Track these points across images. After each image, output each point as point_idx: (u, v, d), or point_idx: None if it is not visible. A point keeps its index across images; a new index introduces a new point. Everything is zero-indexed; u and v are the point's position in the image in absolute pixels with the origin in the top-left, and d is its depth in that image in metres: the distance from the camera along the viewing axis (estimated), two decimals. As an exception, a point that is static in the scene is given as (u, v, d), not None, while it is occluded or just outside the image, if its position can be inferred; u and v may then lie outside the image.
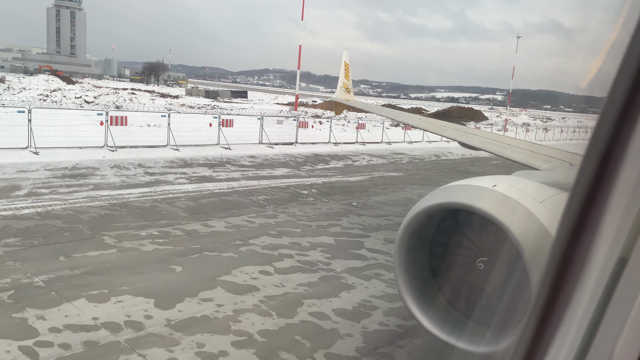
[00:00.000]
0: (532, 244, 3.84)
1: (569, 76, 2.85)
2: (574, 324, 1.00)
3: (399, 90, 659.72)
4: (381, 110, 21.73)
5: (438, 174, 24.41)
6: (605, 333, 0.97)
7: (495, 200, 4.20)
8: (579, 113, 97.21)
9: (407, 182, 21.20)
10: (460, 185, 4.67)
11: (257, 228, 12.26)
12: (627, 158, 0.93)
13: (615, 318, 0.96)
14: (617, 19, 1.00)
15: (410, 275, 4.63)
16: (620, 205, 0.94)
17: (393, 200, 17.16)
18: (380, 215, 14.83)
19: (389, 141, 36.36)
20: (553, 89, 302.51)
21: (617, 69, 0.93)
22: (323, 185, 18.73)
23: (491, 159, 32.52)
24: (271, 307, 7.89)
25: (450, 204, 4.43)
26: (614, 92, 0.94)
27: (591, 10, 1.73)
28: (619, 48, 0.93)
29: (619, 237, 0.95)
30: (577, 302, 0.99)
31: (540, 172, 7.17)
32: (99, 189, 14.82)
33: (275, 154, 26.20)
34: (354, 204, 15.94)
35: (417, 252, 4.68)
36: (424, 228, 4.63)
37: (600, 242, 0.96)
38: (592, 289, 0.98)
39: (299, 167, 22.76)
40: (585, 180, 0.98)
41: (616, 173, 0.94)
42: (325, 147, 30.73)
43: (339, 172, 22.39)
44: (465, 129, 14.64)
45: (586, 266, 0.98)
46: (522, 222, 4.00)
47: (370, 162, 26.76)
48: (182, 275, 8.93)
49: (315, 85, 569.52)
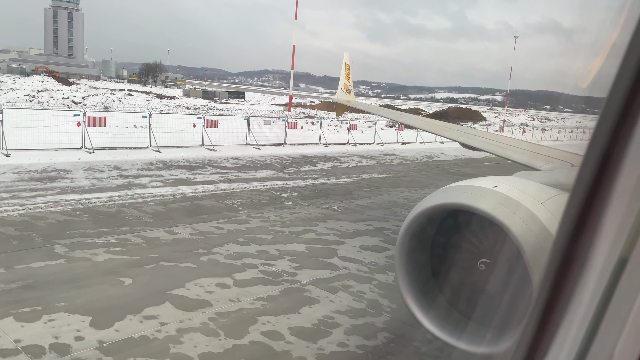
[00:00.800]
0: (532, 245, 3.84)
1: (568, 77, 2.94)
2: (575, 324, 1.01)
3: (399, 91, 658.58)
4: (382, 112, 21.69)
5: (427, 176, 23.68)
6: (606, 333, 0.98)
7: (496, 201, 4.20)
8: (578, 113, 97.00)
9: (394, 185, 20.47)
10: (461, 186, 4.66)
11: (224, 235, 11.53)
12: (627, 158, 0.95)
13: (615, 318, 0.97)
14: (617, 19, 1.01)
15: (411, 276, 4.63)
16: (620, 206, 0.96)
17: (376, 204, 16.44)
18: (360, 219, 14.10)
19: (382, 142, 35.67)
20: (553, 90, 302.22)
21: (617, 70, 0.94)
22: (305, 188, 18.01)
23: (485, 160, 31.85)
24: (220, 326, 7.17)
25: (451, 204, 4.41)
26: (614, 93, 0.95)
27: (591, 11, 1.71)
28: (619, 48, 0.93)
29: (619, 237, 0.96)
30: (578, 302, 1.01)
31: (541, 172, 7.10)
32: (65, 193, 14.10)
33: (262, 155, 25.49)
34: (335, 208, 15.23)
35: (418, 253, 4.67)
36: (424, 229, 4.61)
37: (600, 242, 0.98)
38: (593, 289, 0.99)
39: (283, 169, 22.05)
40: (585, 181, 1.00)
41: (616, 173, 0.96)
42: (314, 149, 30.04)
43: (325, 174, 21.68)
44: (466, 130, 14.54)
45: (586, 266, 1.00)
46: (523, 223, 3.99)
47: (359, 163, 26.05)
48: (129, 288, 8.20)
49: (314, 86, 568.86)
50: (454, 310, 4.57)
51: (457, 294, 4.60)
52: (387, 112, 22.56)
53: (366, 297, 8.67)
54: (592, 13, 1.61)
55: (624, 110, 0.94)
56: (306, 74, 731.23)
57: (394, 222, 14.10)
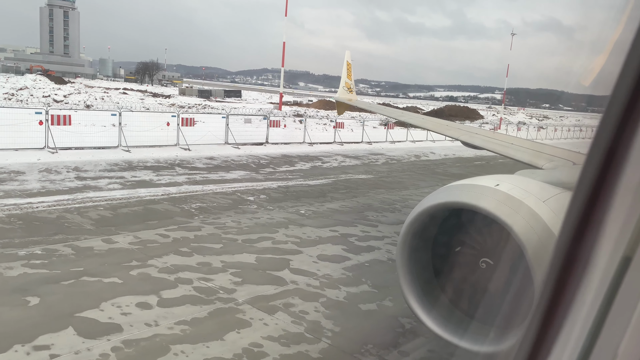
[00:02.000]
0: (535, 244, 3.83)
1: (568, 75, 3.09)
2: (578, 323, 1.00)
3: (398, 90, 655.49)
4: (383, 110, 21.69)
5: (411, 177, 22.59)
6: (609, 333, 0.96)
7: (498, 200, 4.18)
8: (578, 112, 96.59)
9: (374, 186, 19.40)
10: (462, 184, 4.61)
11: (168, 244, 10.47)
12: (630, 157, 0.93)
13: (619, 318, 0.96)
14: (619, 17, 0.99)
15: (413, 275, 4.61)
16: (623, 204, 0.94)
17: (349, 207, 15.37)
18: (326, 225, 13.04)
19: (370, 141, 34.66)
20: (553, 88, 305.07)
21: (620, 68, 0.93)
22: (276, 190, 16.94)
23: (474, 159, 30.81)
24: (122, 358, 6.11)
25: (452, 203, 4.37)
26: (618, 91, 0.94)
27: (592, 9, 1.66)
28: (622, 47, 0.92)
29: (622, 236, 0.95)
30: (581, 301, 0.99)
31: (544, 171, 7.06)
32: (7, 197, 13.05)
33: (239, 155, 24.44)
34: (302, 212, 14.16)
35: (420, 252, 4.65)
36: (426, 228, 4.59)
37: (603, 241, 0.97)
38: (596, 288, 0.97)
39: (258, 169, 20.98)
40: (588, 179, 0.99)
41: (620, 172, 0.95)
42: (298, 148, 28.99)
43: (302, 174, 20.60)
44: (468, 129, 14.50)
45: (590, 265, 0.98)
46: (525, 222, 3.97)
47: (342, 163, 24.98)
48: (32, 310, 7.15)
49: (314, 85, 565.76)
50: (456, 309, 4.56)
51: (460, 293, 4.59)
52: (389, 110, 22.19)
53: (308, 319, 7.60)
54: (593, 11, 1.61)
55: (628, 109, 0.93)
56: (306, 73, 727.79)
57: (362, 228, 13.04)
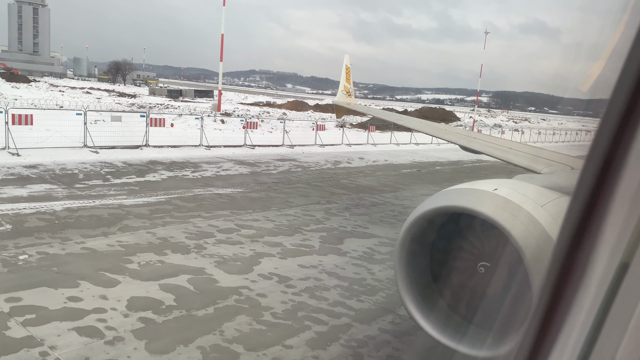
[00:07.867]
0: (533, 248, 3.82)
1: (554, 79, 3.41)
2: (576, 328, 0.99)
3: (386, 92, 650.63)
4: (381, 114, 22.64)
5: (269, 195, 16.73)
6: (607, 338, 0.96)
7: (496, 204, 4.16)
8: (563, 115, 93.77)
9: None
10: (461, 189, 4.57)
11: None
12: (628, 162, 0.93)
13: (616, 323, 0.96)
14: (613, 22, 1.01)
15: (412, 279, 4.56)
16: (621, 210, 0.95)
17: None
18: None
19: (322, 144, 29.95)
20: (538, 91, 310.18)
21: (618, 73, 0.93)
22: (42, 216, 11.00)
23: (451, 163, 26.76)
24: None
25: (451, 207, 4.35)
26: (616, 96, 0.94)
27: (585, 14, 1.72)
28: (620, 52, 0.93)
29: (620, 241, 0.95)
30: (579, 306, 0.99)
31: (542, 176, 6.96)
32: None
33: (84, 161, 18.52)
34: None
35: (418, 257, 4.60)
36: (424, 232, 4.55)
37: (601, 246, 0.97)
38: (594, 293, 0.97)
39: (73, 183, 14.79)
40: (586, 185, 0.99)
41: (617, 177, 0.95)
42: (189, 152, 22.95)
43: (127, 192, 14.41)
44: (466, 133, 14.38)
45: (588, 271, 0.98)
46: (523, 226, 3.96)
47: (218, 173, 19.09)
48: None
49: (301, 87, 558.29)
50: (454, 313, 4.52)
51: (458, 298, 4.53)
52: (386, 114, 21.96)
53: None
54: (589, 16, 1.66)
55: (625, 115, 0.92)
56: (293, 74, 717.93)
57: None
